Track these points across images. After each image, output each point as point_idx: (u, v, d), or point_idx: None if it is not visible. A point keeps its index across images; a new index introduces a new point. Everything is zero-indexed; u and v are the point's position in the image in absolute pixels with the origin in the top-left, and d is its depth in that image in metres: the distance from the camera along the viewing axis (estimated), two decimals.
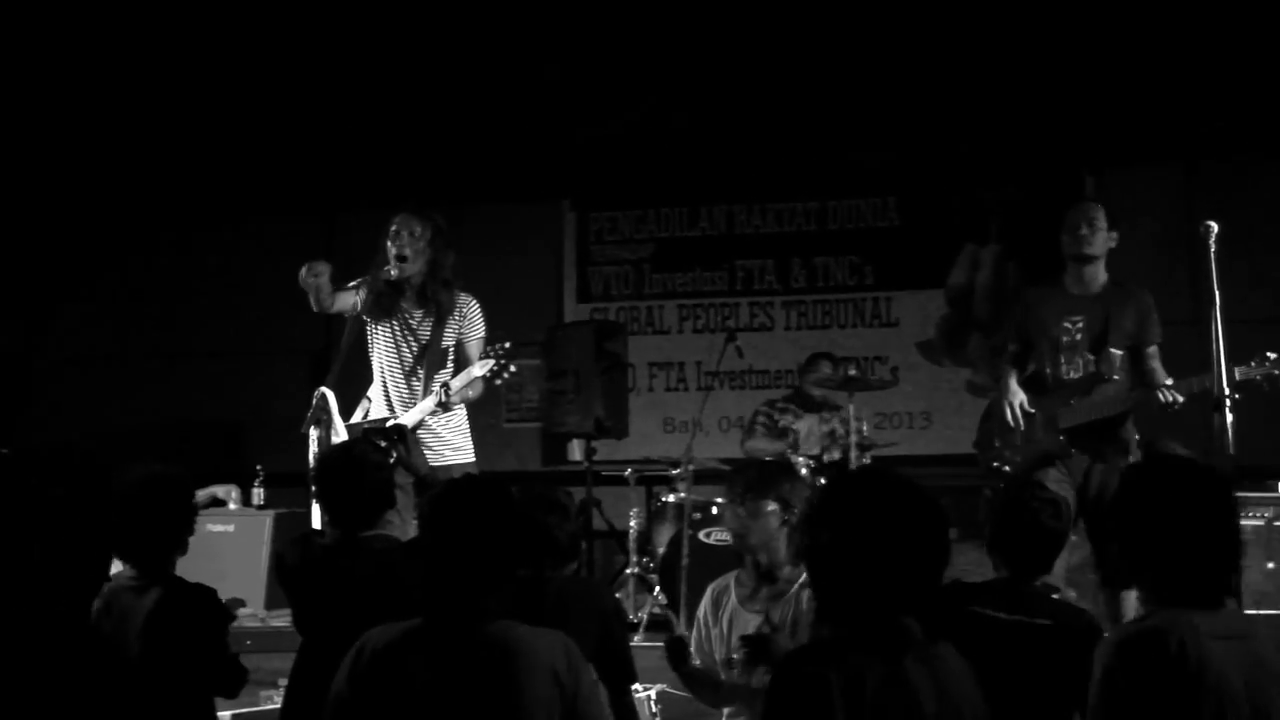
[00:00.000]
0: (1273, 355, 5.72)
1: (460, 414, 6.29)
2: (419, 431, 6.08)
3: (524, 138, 10.19)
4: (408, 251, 6.19)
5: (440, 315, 6.21)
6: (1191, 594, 2.96)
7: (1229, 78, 8.98)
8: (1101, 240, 6.17)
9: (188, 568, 4.22)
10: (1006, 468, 6.14)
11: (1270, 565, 7.03)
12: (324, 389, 6.05)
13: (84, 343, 11.11)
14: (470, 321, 6.26)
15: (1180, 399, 5.83)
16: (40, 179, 10.62)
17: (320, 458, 5.44)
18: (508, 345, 6.04)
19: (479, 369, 6.01)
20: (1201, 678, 2.81)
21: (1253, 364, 5.70)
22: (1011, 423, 6.18)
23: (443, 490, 3.39)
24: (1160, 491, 3.05)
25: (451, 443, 6.22)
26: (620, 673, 4.50)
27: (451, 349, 6.24)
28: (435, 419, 6.14)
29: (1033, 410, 6.16)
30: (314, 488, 4.76)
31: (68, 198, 10.87)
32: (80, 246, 11.08)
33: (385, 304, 6.27)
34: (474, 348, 6.18)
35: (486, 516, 3.21)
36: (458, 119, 10.10)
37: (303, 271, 6.14)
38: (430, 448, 6.13)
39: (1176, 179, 9.51)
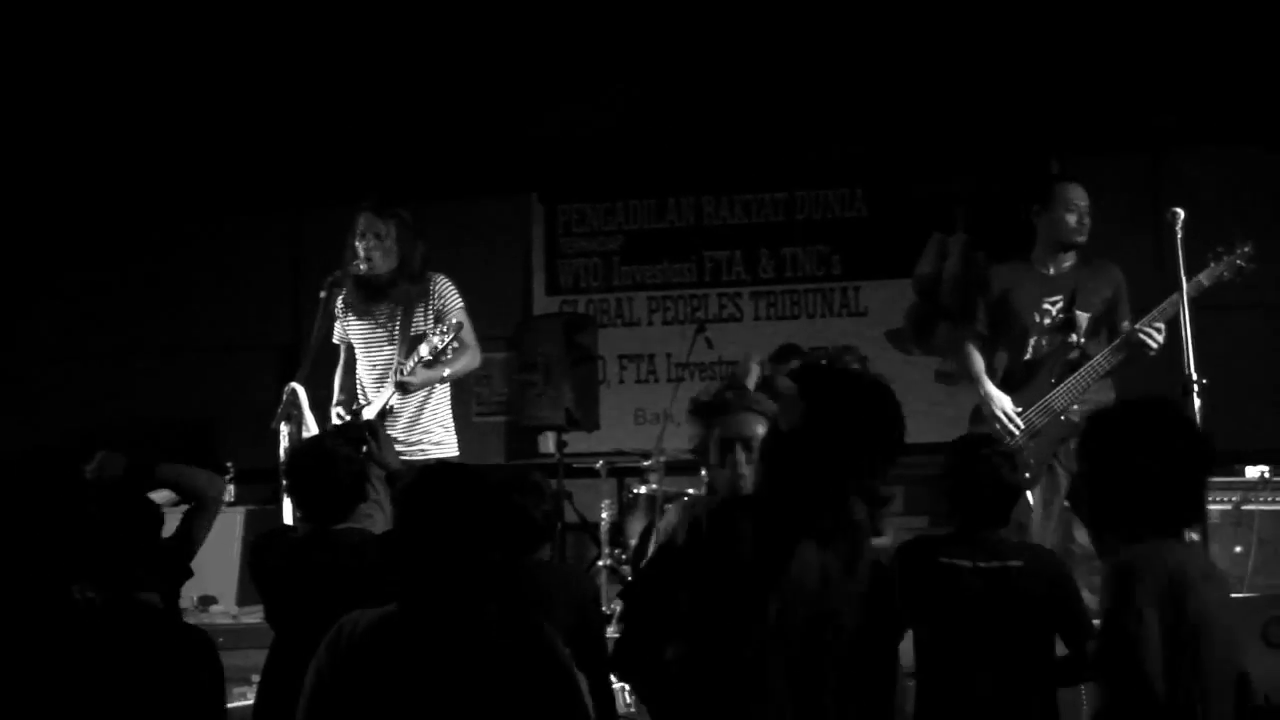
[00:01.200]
0: (1221, 248, 5.70)
1: (443, 407, 6.24)
2: (401, 423, 6.05)
3: (491, 131, 10.18)
4: (376, 254, 6.13)
5: (409, 306, 6.16)
6: (1162, 527, 3.26)
7: (1194, 66, 9.03)
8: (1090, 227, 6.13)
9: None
10: (1026, 475, 5.92)
11: (1238, 549, 7.07)
12: (294, 384, 6.04)
13: (52, 341, 11.05)
14: (444, 297, 6.18)
15: (1160, 331, 5.74)
16: (2, 179, 10.55)
17: (290, 452, 5.44)
18: (453, 322, 5.95)
19: (424, 348, 5.88)
20: (1192, 607, 3.12)
21: (1212, 264, 5.67)
22: (1009, 426, 6.00)
23: (416, 478, 3.38)
24: (1128, 432, 3.33)
25: (432, 435, 6.18)
26: (598, 659, 4.52)
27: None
28: (418, 410, 6.09)
29: (1020, 408, 6.02)
30: (284, 482, 4.75)
31: (33, 198, 10.80)
32: (46, 245, 11.01)
33: (358, 303, 6.22)
34: (458, 318, 6.07)
35: (462, 502, 3.21)
36: (424, 114, 10.08)
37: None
38: (410, 441, 6.09)
39: (1143, 166, 9.55)
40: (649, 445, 8.44)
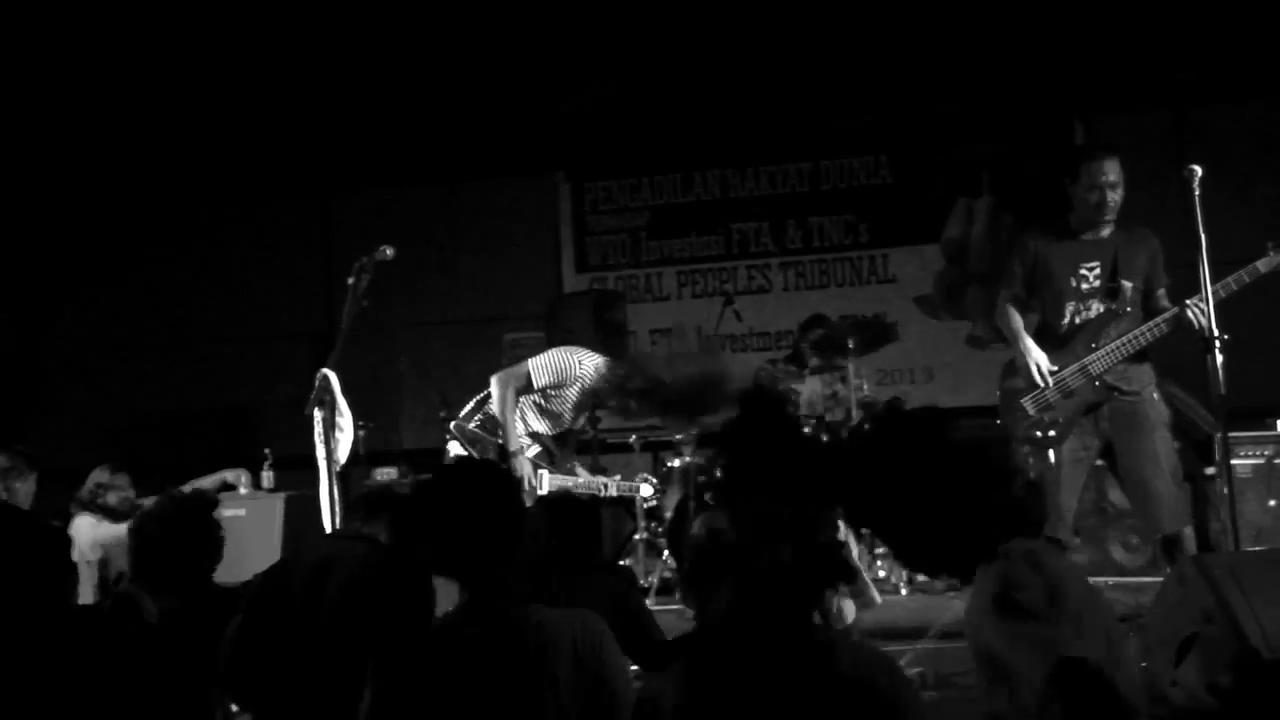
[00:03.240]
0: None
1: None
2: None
3: (515, 112, 10.23)
4: None
5: None
6: None
7: (1216, 22, 8.99)
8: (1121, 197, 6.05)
9: None
10: (1051, 432, 5.88)
11: (1272, 503, 7.10)
12: (326, 370, 6.09)
13: (88, 336, 11.18)
14: None
15: (1204, 316, 5.61)
16: (37, 175, 10.67)
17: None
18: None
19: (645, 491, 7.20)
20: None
21: (1272, 253, 5.62)
22: (1041, 382, 5.93)
23: (445, 476, 3.41)
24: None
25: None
26: (643, 650, 4.63)
27: None
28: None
29: (1055, 367, 5.95)
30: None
31: (65, 193, 10.92)
32: (80, 241, 11.14)
33: None
34: None
35: (498, 501, 3.24)
36: (449, 97, 10.14)
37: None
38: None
39: (1166, 123, 9.54)
40: None
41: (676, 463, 8.42)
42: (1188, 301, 5.66)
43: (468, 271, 10.50)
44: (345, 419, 5.92)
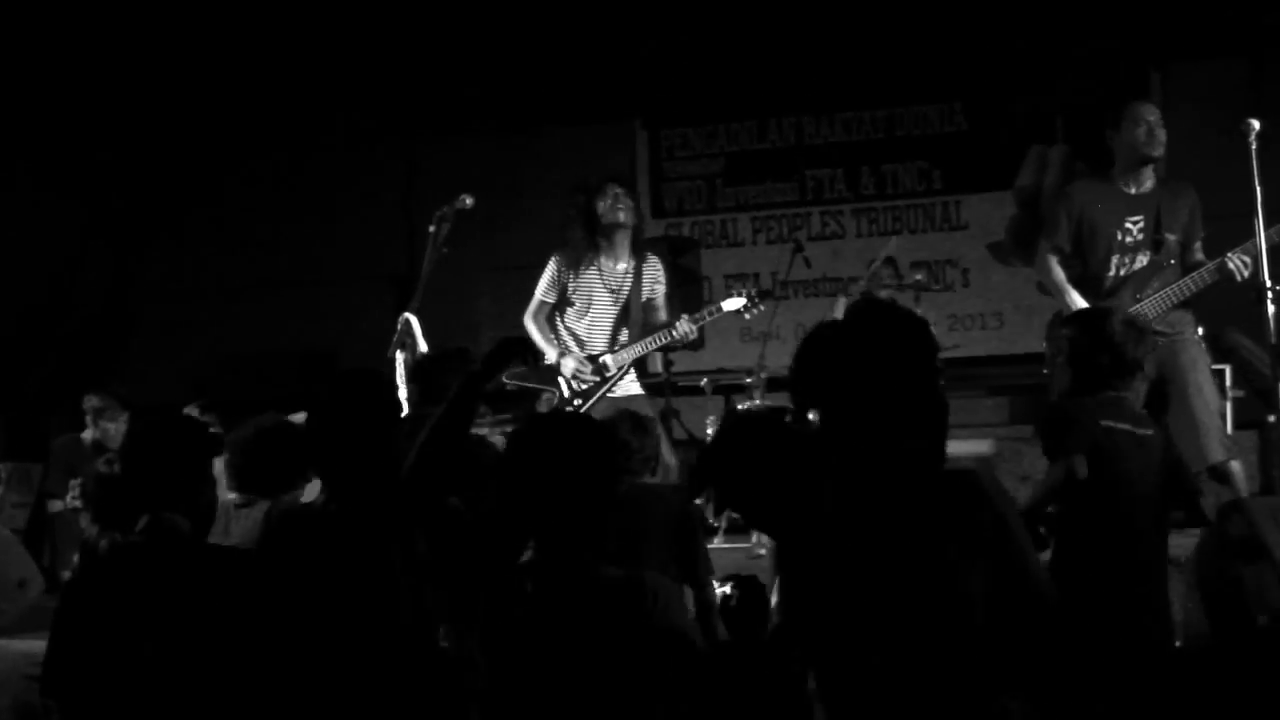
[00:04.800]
0: None
1: None
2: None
3: (593, 59, 10.37)
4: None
5: (639, 271, 6.98)
6: None
7: None
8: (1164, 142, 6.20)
9: None
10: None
11: None
12: (407, 314, 6.34)
13: (177, 278, 11.47)
14: (661, 280, 7.07)
15: (1248, 265, 5.74)
16: (128, 116, 10.94)
17: None
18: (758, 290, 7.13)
19: (729, 305, 6.97)
20: None
21: None
22: None
23: (537, 428, 3.53)
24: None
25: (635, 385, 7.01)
26: (696, 570, 4.81)
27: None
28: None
29: None
30: None
31: (152, 139, 11.18)
32: (167, 184, 11.42)
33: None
34: (663, 302, 7.05)
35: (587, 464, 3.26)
36: (529, 45, 10.30)
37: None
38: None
39: (1243, 73, 9.50)
40: (753, 363, 8.63)
41: (746, 406, 8.57)
42: (1229, 254, 5.76)
43: (547, 216, 10.64)
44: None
